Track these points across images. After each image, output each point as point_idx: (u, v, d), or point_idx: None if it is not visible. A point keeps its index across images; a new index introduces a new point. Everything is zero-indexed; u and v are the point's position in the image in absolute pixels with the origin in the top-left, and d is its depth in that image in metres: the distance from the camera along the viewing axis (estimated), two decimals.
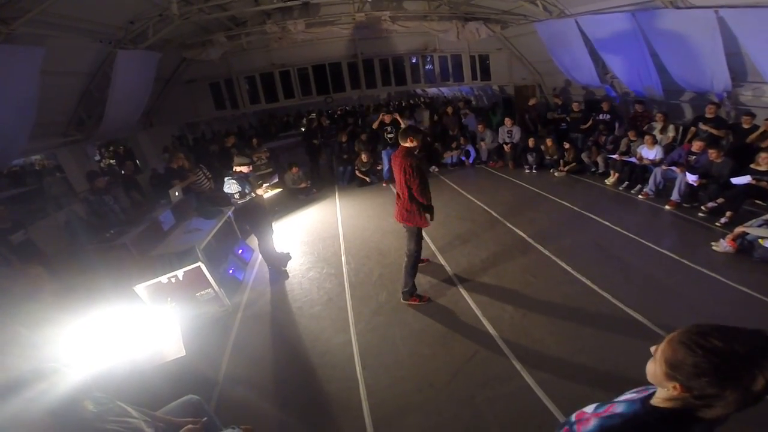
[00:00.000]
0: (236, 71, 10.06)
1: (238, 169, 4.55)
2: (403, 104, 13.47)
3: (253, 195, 4.59)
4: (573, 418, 1.12)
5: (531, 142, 8.18)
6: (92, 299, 3.14)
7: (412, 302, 3.97)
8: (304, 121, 13.75)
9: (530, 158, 8.04)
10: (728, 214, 4.86)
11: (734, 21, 5.43)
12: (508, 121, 8.72)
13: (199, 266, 3.95)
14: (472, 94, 14.74)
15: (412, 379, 3.03)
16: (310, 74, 10.65)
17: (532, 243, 4.98)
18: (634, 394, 1.08)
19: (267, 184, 4.82)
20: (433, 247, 5.08)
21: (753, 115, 5.87)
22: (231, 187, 4.44)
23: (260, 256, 5.07)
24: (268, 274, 4.97)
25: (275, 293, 4.59)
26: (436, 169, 8.79)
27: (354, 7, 8.67)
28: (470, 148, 8.90)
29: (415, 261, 3.91)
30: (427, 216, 3.77)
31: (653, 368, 0.94)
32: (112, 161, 11.59)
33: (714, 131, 6.17)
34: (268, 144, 10.27)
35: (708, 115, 6.37)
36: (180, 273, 3.91)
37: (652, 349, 0.97)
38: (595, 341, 3.21)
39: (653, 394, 0.99)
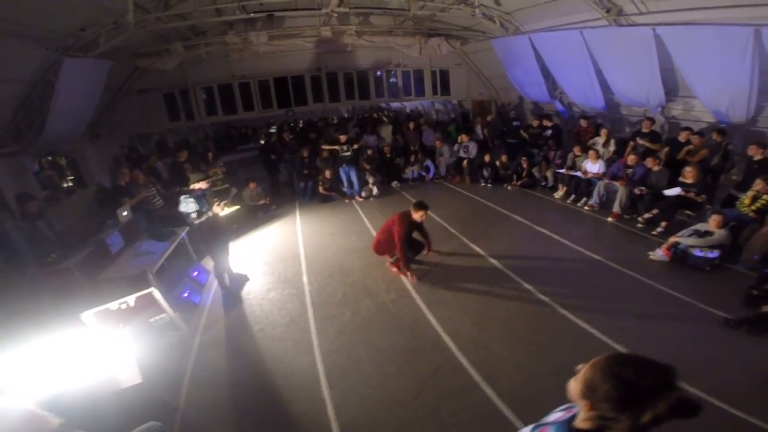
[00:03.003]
0: (193, 81, 9.74)
1: (195, 186, 4.40)
2: (367, 117, 13.59)
3: (211, 214, 4.43)
4: None
5: (487, 157, 8.54)
6: (37, 326, 2.95)
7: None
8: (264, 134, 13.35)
9: (486, 173, 8.39)
10: (663, 224, 5.34)
11: (669, 38, 6.01)
12: (464, 137, 9.05)
13: (152, 292, 3.76)
14: (433, 109, 15.19)
15: (380, 397, 3.07)
16: (271, 87, 10.52)
17: (488, 258, 5.17)
18: (561, 413, 1.21)
19: (224, 202, 4.66)
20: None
21: (690, 130, 6.33)
22: (188, 206, 4.29)
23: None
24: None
25: (234, 316, 4.43)
26: (398, 185, 8.89)
27: (320, 20, 8.70)
28: (429, 163, 9.13)
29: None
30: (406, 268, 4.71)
31: (575, 385, 1.06)
32: (51, 173, 10.69)
33: (650, 145, 6.73)
34: (225, 157, 9.83)
35: (644, 130, 6.94)
36: (131, 299, 3.70)
37: (578, 368, 1.09)
38: (547, 350, 3.40)
39: (575, 416, 1.11)
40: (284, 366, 3.53)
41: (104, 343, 2.98)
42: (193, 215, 4.34)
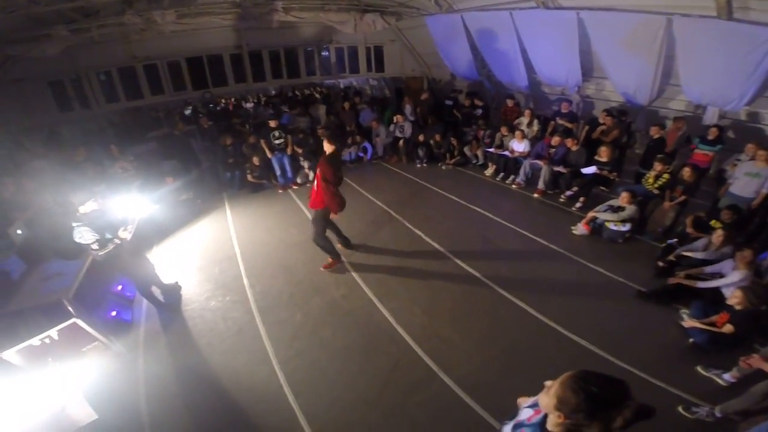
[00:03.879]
0: (85, 67, 8.37)
1: (85, 210, 3.59)
2: (298, 95, 12.84)
3: (117, 241, 3.72)
4: None
5: (421, 137, 8.69)
6: None
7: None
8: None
9: (421, 153, 8.56)
10: (582, 199, 5.96)
11: (591, 22, 6.46)
12: (399, 117, 9.09)
13: (74, 322, 3.34)
14: (368, 85, 14.84)
15: (347, 398, 3.14)
16: (183, 67, 9.45)
17: (429, 241, 5.33)
18: (530, 411, 1.41)
19: (131, 226, 3.89)
20: (343, 258, 4.98)
21: (609, 112, 6.89)
22: (84, 235, 3.50)
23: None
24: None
25: (175, 332, 4.07)
26: None
27: None
28: (367, 144, 9.05)
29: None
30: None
31: (546, 400, 1.24)
32: None
33: (567, 124, 7.42)
34: (133, 148, 8.01)
35: (563, 111, 7.61)
36: (53, 332, 3.27)
37: (547, 383, 1.27)
38: (491, 332, 3.71)
39: (546, 416, 1.29)
40: (243, 379, 3.40)
41: (42, 382, 2.72)
42: (94, 246, 3.56)
